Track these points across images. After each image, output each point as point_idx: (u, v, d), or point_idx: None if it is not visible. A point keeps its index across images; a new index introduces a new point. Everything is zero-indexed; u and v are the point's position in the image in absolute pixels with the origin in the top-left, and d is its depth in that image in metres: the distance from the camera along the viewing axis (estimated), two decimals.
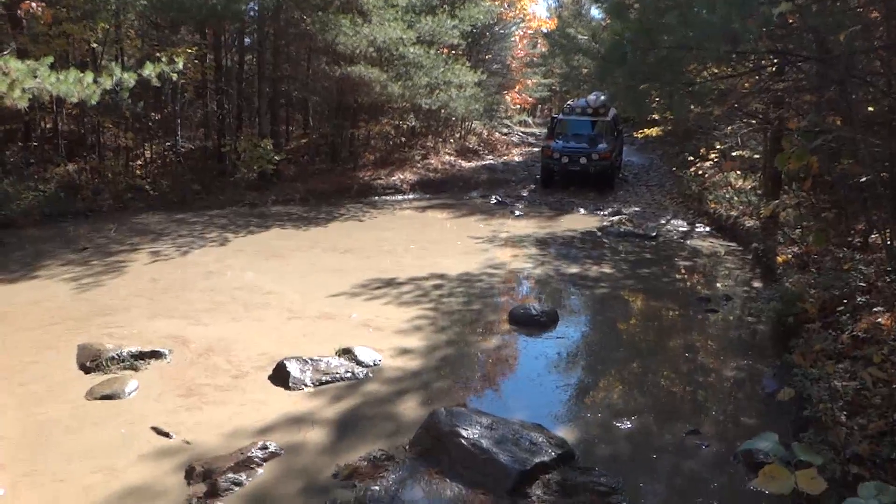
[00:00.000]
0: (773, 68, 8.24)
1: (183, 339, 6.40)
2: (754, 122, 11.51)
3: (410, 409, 5.10)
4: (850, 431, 3.86)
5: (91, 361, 5.63)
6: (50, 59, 7.26)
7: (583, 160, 16.92)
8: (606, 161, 16.94)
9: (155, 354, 5.82)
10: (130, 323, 6.89)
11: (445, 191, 17.81)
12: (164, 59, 8.58)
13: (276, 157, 15.61)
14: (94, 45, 15.02)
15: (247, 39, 18.05)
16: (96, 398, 5.08)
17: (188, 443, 4.45)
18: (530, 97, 28.63)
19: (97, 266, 9.11)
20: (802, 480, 1.48)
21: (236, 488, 3.88)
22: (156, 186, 14.83)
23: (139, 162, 16.23)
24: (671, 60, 4.50)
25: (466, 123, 23.14)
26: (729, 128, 14.00)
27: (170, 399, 5.15)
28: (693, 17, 3.95)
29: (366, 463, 4.16)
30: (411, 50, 15.66)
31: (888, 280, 6.10)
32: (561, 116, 18.96)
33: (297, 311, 7.41)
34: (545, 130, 20.84)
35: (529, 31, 27.61)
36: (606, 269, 10.09)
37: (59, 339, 6.34)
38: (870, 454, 3.58)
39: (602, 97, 17.91)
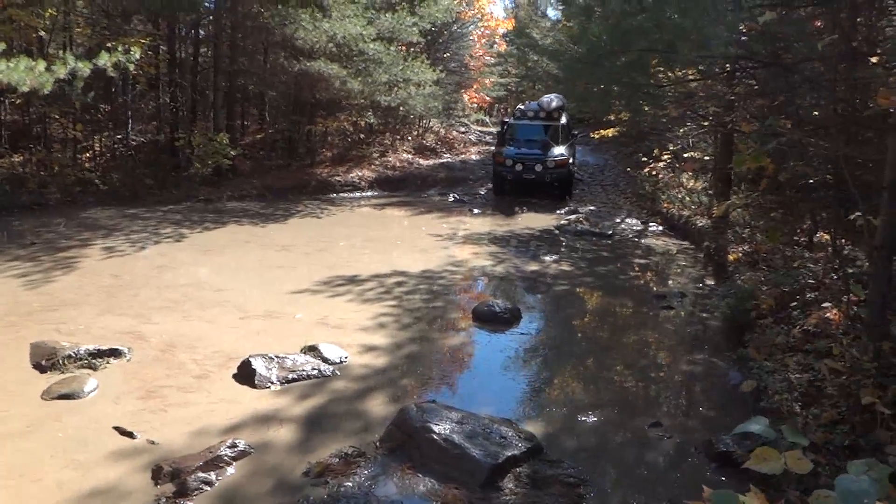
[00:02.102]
0: (725, 74, 8.53)
1: (141, 337, 6.26)
2: (706, 124, 11.85)
3: (379, 405, 5.10)
4: (805, 421, 4.04)
5: (46, 360, 5.45)
6: (2, 46, 7.01)
7: (538, 167, 15.94)
8: (563, 168, 16.10)
9: (114, 353, 5.67)
10: (84, 321, 6.70)
11: (404, 188, 17.81)
12: (119, 49, 8.37)
13: (231, 152, 15.36)
14: (42, 33, 14.50)
15: (202, 32, 17.68)
16: (54, 398, 4.93)
17: (153, 442, 4.36)
18: (487, 96, 28.81)
19: (46, 262, 8.81)
20: (791, 461, 1.57)
21: (206, 487, 3.83)
22: (106, 180, 14.41)
23: (88, 154, 15.74)
24: (642, 63, 4.62)
25: (424, 121, 23.17)
26: (681, 129, 14.39)
27: (131, 398, 5.03)
28: (666, 21, 4.07)
29: (337, 460, 4.15)
30: (371, 46, 15.61)
31: (835, 277, 6.38)
32: (511, 121, 17.97)
33: (257, 308, 7.32)
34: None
35: (487, 31, 27.76)
36: (565, 267, 10.26)
37: (10, 338, 6.13)
38: (824, 442, 3.76)
39: (555, 100, 17.30)
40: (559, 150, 16.19)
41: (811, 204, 7.61)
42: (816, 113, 6.81)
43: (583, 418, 5.04)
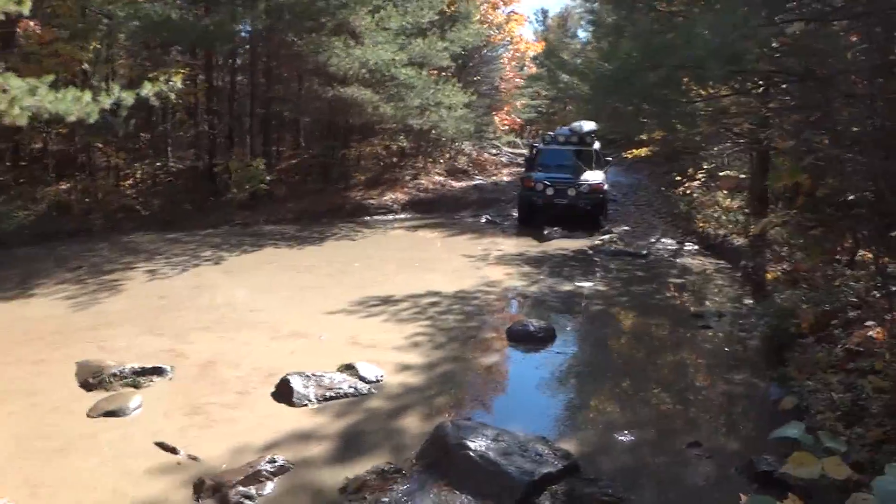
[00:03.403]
0: (760, 89, 8.48)
1: (183, 356, 6.40)
2: (741, 141, 11.75)
3: (415, 423, 5.13)
4: (849, 440, 3.95)
5: (93, 378, 5.62)
6: (51, 78, 7.30)
7: (571, 191, 14.94)
8: (598, 194, 15.15)
9: (157, 371, 5.82)
10: (127, 340, 6.88)
11: (436, 210, 17.93)
12: (161, 79, 8.67)
13: (267, 177, 15.67)
14: (86, 65, 15.08)
15: (238, 60, 18.19)
16: (100, 414, 5.07)
17: (195, 458, 4.46)
18: (519, 118, 28.95)
19: (92, 285, 9.08)
20: (829, 467, 1.57)
21: (247, 502, 3.89)
22: (147, 206, 14.81)
23: (129, 181, 16.22)
24: (673, 80, 4.64)
25: (456, 144, 23.37)
26: (716, 148, 14.28)
27: (174, 415, 5.15)
28: (696, 37, 4.09)
29: (374, 476, 4.18)
30: (403, 71, 15.86)
31: (878, 295, 6.24)
32: (541, 146, 17.29)
33: (294, 328, 7.43)
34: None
35: (517, 54, 28.00)
36: (600, 287, 10.21)
37: (58, 357, 6.32)
38: (869, 461, 3.67)
39: (587, 125, 16.66)
40: (593, 175, 15.40)
41: (851, 221, 7.48)
42: (855, 128, 6.73)
43: (619, 437, 4.99)
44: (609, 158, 17.24)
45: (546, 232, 14.67)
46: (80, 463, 4.41)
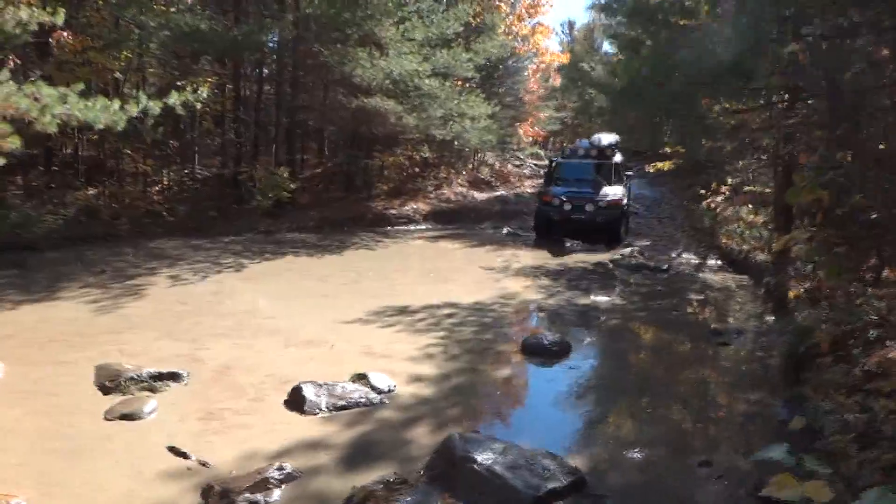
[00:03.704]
0: (784, 104, 8.39)
1: (200, 362, 6.50)
2: (765, 156, 11.63)
3: (424, 434, 5.14)
4: (861, 463, 3.88)
5: (110, 382, 5.72)
6: (80, 86, 7.50)
7: (589, 207, 14.63)
8: (617, 209, 14.88)
9: (173, 376, 5.91)
10: (146, 345, 7.00)
11: (458, 221, 17.99)
12: (188, 88, 8.85)
13: (291, 186, 15.86)
14: (118, 74, 15.44)
15: (265, 70, 18.48)
16: (115, 417, 5.16)
17: (205, 463, 4.51)
18: (543, 130, 28.95)
19: (115, 289, 9.27)
20: (811, 490, 1.56)
21: None
22: (173, 212, 15.09)
23: (157, 188, 16.55)
24: (685, 95, 4.63)
25: (479, 155, 23.45)
26: (740, 162, 14.14)
27: (188, 420, 5.22)
28: (707, 54, 4.08)
29: (380, 486, 4.20)
30: (426, 82, 16.00)
31: None
32: (560, 159, 17.04)
33: (310, 336, 7.50)
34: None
35: (542, 65, 28.03)
36: (618, 301, 10.14)
37: (77, 360, 6.45)
38: (881, 486, 3.59)
39: (607, 137, 16.38)
40: (612, 190, 15.06)
41: (877, 240, 7.35)
42: (884, 144, 6.61)
43: (629, 454, 4.95)
44: (630, 172, 16.85)
45: (567, 245, 14.62)
46: (94, 464, 4.50)
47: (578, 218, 14.72)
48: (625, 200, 15.38)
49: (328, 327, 7.87)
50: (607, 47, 35.48)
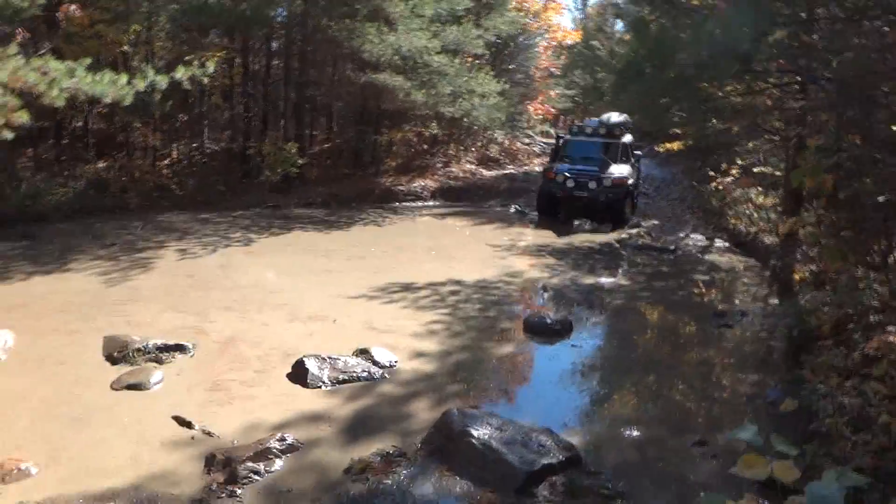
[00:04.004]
0: (797, 85, 8.29)
1: (205, 335, 6.60)
2: (775, 138, 11.53)
3: (424, 409, 5.23)
4: (853, 445, 3.92)
5: (118, 352, 5.84)
6: (88, 60, 7.53)
7: (592, 184, 14.44)
8: (620, 188, 14.65)
9: (179, 348, 6.01)
10: (155, 316, 7.11)
11: (465, 199, 17.96)
12: (195, 63, 8.85)
13: (299, 161, 15.88)
14: (126, 48, 15.42)
15: (274, 44, 18.40)
16: (122, 388, 5.28)
17: (209, 433, 4.62)
18: (553, 108, 28.73)
19: (124, 262, 9.37)
20: (778, 470, 1.60)
21: (255, 477, 4.04)
22: (182, 186, 15.16)
23: (165, 162, 16.61)
24: (687, 77, 4.60)
25: (488, 132, 23.29)
26: (750, 143, 14.01)
27: (192, 391, 5.33)
28: (706, 36, 4.05)
29: (379, 459, 4.30)
30: (436, 59, 15.88)
31: None
32: (567, 136, 16.85)
33: (314, 311, 7.58)
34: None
35: (554, 43, 27.74)
36: (623, 281, 10.17)
37: (86, 330, 6.58)
38: (873, 467, 3.65)
39: (617, 117, 16.23)
40: (618, 169, 14.85)
41: (885, 223, 7.31)
42: (894, 128, 6.55)
43: (626, 432, 5.02)
44: (639, 153, 16.49)
45: (575, 224, 14.60)
46: (100, 432, 4.61)
47: (581, 195, 14.53)
48: (630, 180, 15.13)
49: (333, 302, 7.95)
50: (619, 25, 35.11)
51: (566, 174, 14.65)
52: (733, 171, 15.50)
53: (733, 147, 15.40)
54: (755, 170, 14.39)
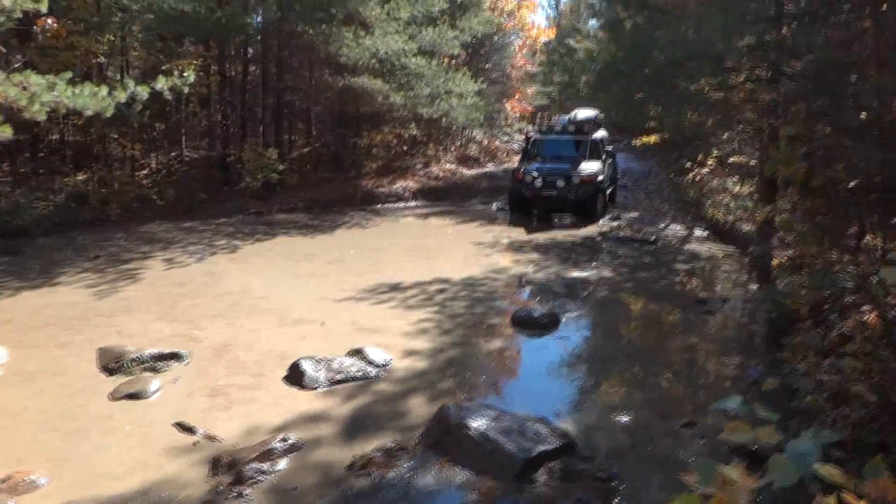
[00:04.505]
0: (767, 79, 8.53)
1: (197, 342, 6.67)
2: (749, 129, 11.81)
3: (420, 405, 5.35)
4: (834, 420, 4.12)
5: (114, 363, 5.89)
6: (69, 74, 7.55)
7: (560, 182, 14.41)
8: (590, 186, 14.49)
9: (174, 356, 6.07)
10: (146, 326, 7.16)
11: (447, 198, 18.11)
12: (175, 73, 8.88)
13: (280, 167, 15.91)
14: (101, 58, 15.34)
15: (250, 51, 18.39)
16: (121, 397, 5.34)
17: (211, 437, 4.71)
18: (530, 105, 28.97)
19: (111, 274, 9.38)
20: (762, 434, 1.77)
21: (261, 477, 4.14)
22: (162, 196, 15.10)
23: (145, 172, 16.53)
24: (663, 75, 4.77)
25: (467, 132, 23.48)
26: (725, 135, 14.32)
27: (191, 398, 5.41)
28: (680, 37, 4.23)
29: (380, 454, 4.42)
30: (413, 61, 16.02)
31: (875, 280, 6.35)
32: (537, 136, 16.91)
33: (304, 314, 7.67)
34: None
35: (529, 41, 27.98)
36: (606, 273, 10.36)
37: (80, 341, 6.62)
38: (854, 440, 3.84)
39: (587, 113, 16.25)
40: (587, 166, 14.74)
41: (858, 208, 7.57)
42: (864, 115, 6.78)
43: (617, 418, 5.19)
44: (609, 149, 16.35)
45: (555, 220, 14.81)
46: (103, 441, 4.68)
47: (550, 195, 14.57)
48: (600, 177, 14.92)
49: (321, 305, 8.05)
50: (593, 22, 35.46)
51: (534, 174, 14.68)
52: (709, 162, 15.83)
53: (708, 139, 15.72)
54: (730, 160, 14.72)
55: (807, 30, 5.76)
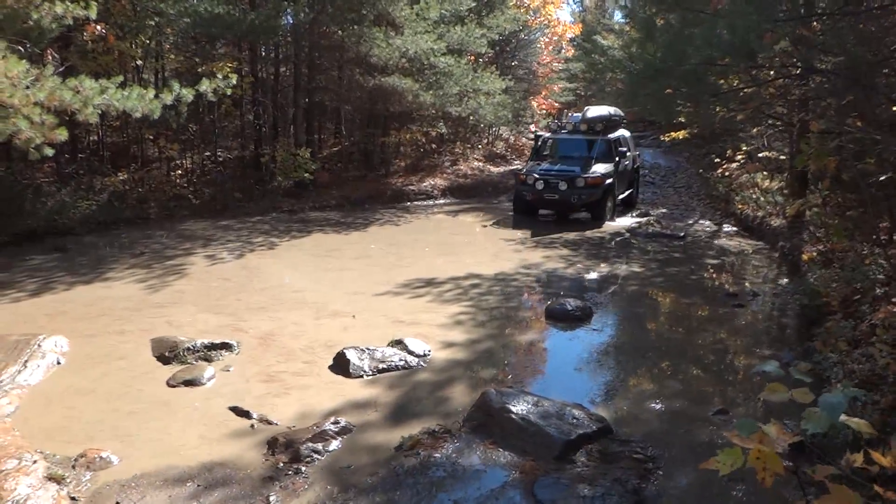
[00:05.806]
0: (798, 75, 8.60)
1: (243, 333, 6.98)
2: (779, 124, 11.84)
3: (461, 392, 5.59)
4: (864, 406, 4.27)
5: (169, 352, 6.22)
6: (119, 78, 7.92)
7: (562, 185, 13.61)
8: (597, 189, 13.68)
9: (225, 346, 6.39)
10: (195, 318, 7.50)
11: (475, 195, 18.34)
12: (219, 75, 9.23)
13: (312, 166, 16.25)
14: (139, 62, 15.83)
15: (282, 52, 18.76)
16: (179, 384, 5.65)
17: (267, 421, 4.99)
18: (556, 102, 29.04)
19: (157, 269, 9.76)
20: (797, 394, 1.99)
21: (316, 456, 4.41)
22: (198, 195, 15.54)
23: (180, 171, 17.00)
24: (698, 73, 4.94)
25: (494, 129, 23.66)
26: (755, 129, 14.32)
27: (246, 384, 5.71)
28: (716, 37, 4.38)
29: (427, 436, 4.66)
30: (442, 60, 16.25)
31: None
32: (547, 135, 16.32)
33: (344, 308, 7.95)
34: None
35: (555, 37, 28.05)
36: (636, 268, 10.50)
37: (134, 332, 6.97)
38: (882, 423, 3.99)
39: (599, 111, 15.45)
40: (595, 169, 13.92)
41: (889, 202, 7.63)
42: None
43: (651, 406, 5.38)
44: (624, 149, 15.28)
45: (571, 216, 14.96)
46: (165, 423, 4.99)
47: (551, 198, 13.92)
48: (609, 180, 14.04)
49: (359, 299, 8.32)
50: (618, 16, 35.34)
51: (535, 176, 14.06)
52: (738, 157, 15.81)
53: (738, 133, 15.72)
54: (760, 155, 14.70)
55: (837, 26, 5.86)
